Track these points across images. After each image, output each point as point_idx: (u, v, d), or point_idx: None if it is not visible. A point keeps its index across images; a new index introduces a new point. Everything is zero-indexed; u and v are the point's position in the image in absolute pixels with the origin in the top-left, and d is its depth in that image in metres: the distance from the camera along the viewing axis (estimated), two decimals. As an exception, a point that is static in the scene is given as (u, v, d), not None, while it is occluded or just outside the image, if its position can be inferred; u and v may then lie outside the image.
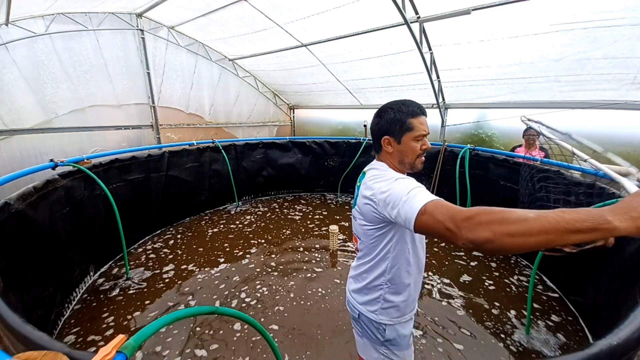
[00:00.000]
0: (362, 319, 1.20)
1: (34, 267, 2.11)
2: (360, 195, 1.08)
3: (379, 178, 1.01)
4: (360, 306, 1.20)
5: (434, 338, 2.18)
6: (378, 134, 1.12)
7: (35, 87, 3.98)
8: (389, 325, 1.15)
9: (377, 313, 1.15)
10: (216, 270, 3.07)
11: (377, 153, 1.17)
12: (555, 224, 0.59)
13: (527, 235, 0.60)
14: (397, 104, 1.08)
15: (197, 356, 2.03)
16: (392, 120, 1.06)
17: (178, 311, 0.77)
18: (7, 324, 1.01)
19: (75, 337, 2.20)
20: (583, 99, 3.64)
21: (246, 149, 5.11)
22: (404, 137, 1.06)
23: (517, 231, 0.61)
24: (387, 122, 1.08)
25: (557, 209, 0.62)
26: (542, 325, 2.30)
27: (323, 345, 2.12)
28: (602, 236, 0.59)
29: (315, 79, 6.12)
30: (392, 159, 1.12)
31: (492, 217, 0.64)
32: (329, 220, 4.35)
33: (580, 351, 0.79)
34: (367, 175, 1.10)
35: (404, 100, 1.09)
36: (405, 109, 1.06)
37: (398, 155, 1.10)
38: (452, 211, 0.72)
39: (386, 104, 1.12)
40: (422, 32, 3.59)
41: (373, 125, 1.14)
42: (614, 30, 2.74)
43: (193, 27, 5.21)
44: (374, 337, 1.18)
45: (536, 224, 0.60)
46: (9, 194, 2.06)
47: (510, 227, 0.62)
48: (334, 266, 3.17)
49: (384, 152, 1.12)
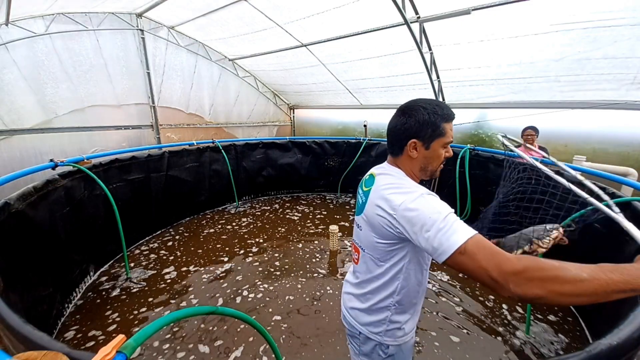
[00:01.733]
0: (361, 338, 1.11)
1: (34, 267, 2.11)
2: (372, 204, 0.95)
3: (398, 189, 0.89)
4: (362, 327, 1.10)
5: (432, 335, 2.18)
6: (404, 135, 0.95)
7: (35, 87, 3.98)
8: (392, 345, 1.07)
9: (381, 335, 1.06)
10: (216, 270, 3.07)
11: (393, 156, 1.02)
12: (605, 287, 0.61)
13: (579, 296, 0.62)
14: (431, 104, 0.94)
15: (200, 352, 2.04)
16: (425, 122, 0.92)
17: (178, 311, 0.77)
18: (7, 324, 1.01)
19: (75, 337, 2.20)
20: (583, 99, 3.64)
21: (246, 149, 5.11)
22: (433, 143, 0.94)
23: (571, 292, 0.62)
24: (417, 124, 0.93)
25: (601, 265, 0.64)
26: (542, 325, 2.30)
27: (322, 345, 2.12)
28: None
29: (315, 79, 6.12)
30: (412, 165, 0.99)
31: (544, 274, 0.63)
32: (329, 220, 4.35)
33: (580, 351, 0.79)
34: (378, 182, 0.98)
35: (437, 101, 0.96)
36: (440, 111, 0.93)
37: (422, 161, 0.97)
38: (498, 259, 0.67)
39: (415, 101, 0.96)
40: (422, 32, 3.59)
41: (397, 124, 0.97)
42: (614, 30, 2.75)
43: (193, 27, 5.21)
44: (375, 356, 1.10)
45: (589, 287, 0.61)
46: (9, 194, 2.06)
47: (564, 288, 0.62)
48: (334, 266, 3.17)
49: (405, 157, 0.98)
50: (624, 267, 0.64)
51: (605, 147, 3.76)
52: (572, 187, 0.98)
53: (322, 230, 4.03)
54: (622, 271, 0.62)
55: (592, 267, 0.63)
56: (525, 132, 3.66)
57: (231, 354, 2.05)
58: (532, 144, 3.66)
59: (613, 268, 0.63)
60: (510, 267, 0.65)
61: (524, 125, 3.77)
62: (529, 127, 3.64)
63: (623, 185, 2.42)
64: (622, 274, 0.62)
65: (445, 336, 2.20)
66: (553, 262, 0.65)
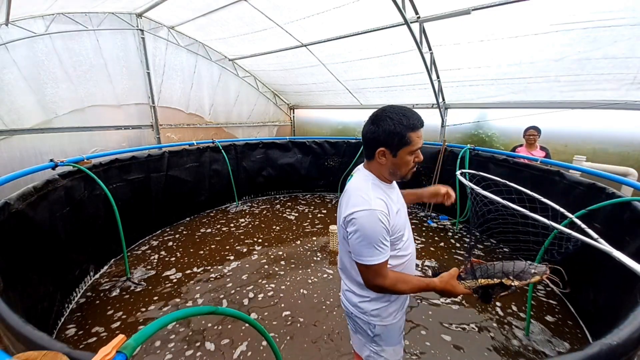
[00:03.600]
0: (353, 317, 1.23)
1: (34, 267, 2.11)
2: (340, 204, 1.11)
3: (350, 199, 1.05)
4: (352, 307, 1.22)
5: (429, 334, 2.18)
6: (373, 143, 1.04)
7: (35, 87, 3.98)
8: (378, 325, 1.17)
9: (367, 315, 1.17)
10: (216, 270, 3.07)
11: (367, 159, 1.12)
12: (416, 291, 1.07)
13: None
14: (397, 114, 0.99)
15: (207, 349, 2.04)
16: (391, 132, 0.99)
17: (178, 311, 0.77)
18: (7, 324, 1.01)
19: (75, 337, 2.20)
20: (583, 99, 3.64)
21: (246, 149, 5.11)
22: (400, 151, 1.01)
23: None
24: (384, 133, 1.00)
25: (428, 281, 1.07)
26: (541, 325, 2.30)
27: (321, 346, 2.12)
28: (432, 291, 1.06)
29: (315, 79, 6.12)
30: (382, 170, 1.08)
31: (391, 291, 1.06)
32: (329, 220, 4.36)
33: (580, 351, 0.79)
34: (350, 183, 1.12)
35: (404, 110, 1.01)
36: (406, 121, 0.98)
37: (391, 167, 1.06)
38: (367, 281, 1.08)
39: (383, 110, 1.03)
40: (422, 32, 3.59)
41: (368, 132, 1.05)
42: (614, 30, 2.74)
43: (193, 27, 5.21)
44: (364, 333, 1.22)
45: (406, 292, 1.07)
46: (9, 194, 2.06)
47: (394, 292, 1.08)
48: (334, 266, 3.17)
49: (375, 162, 1.07)
50: (434, 282, 1.05)
51: (605, 147, 3.76)
52: (540, 218, 0.97)
53: (323, 230, 4.03)
54: (434, 285, 1.05)
55: (419, 282, 1.05)
56: (527, 132, 3.66)
57: (237, 349, 2.06)
58: (534, 144, 3.67)
59: (430, 282, 1.05)
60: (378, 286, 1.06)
61: (523, 125, 3.77)
62: (531, 127, 3.64)
63: (623, 185, 2.42)
64: (428, 286, 1.05)
65: (445, 336, 2.20)
66: (399, 286, 1.03)
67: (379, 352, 1.21)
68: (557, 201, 1.21)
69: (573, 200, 2.55)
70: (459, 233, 3.92)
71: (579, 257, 2.16)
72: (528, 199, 1.40)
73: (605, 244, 0.95)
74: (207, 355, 2.04)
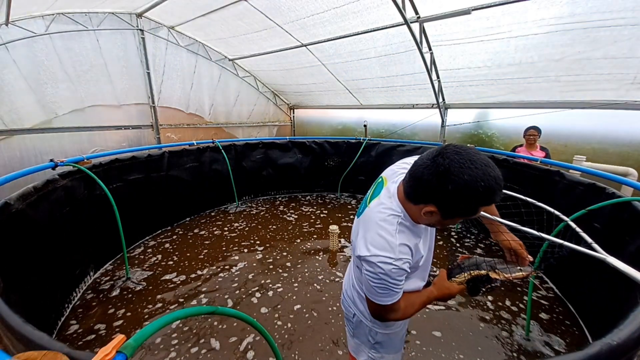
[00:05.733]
0: (354, 321, 1.19)
1: (34, 267, 2.11)
2: (362, 225, 0.96)
3: (376, 238, 0.88)
4: (356, 310, 1.18)
5: (428, 334, 2.18)
6: (426, 196, 0.79)
7: (35, 87, 3.98)
8: (381, 333, 1.14)
9: (371, 322, 1.13)
10: (217, 270, 3.07)
11: (406, 197, 0.87)
12: (423, 306, 1.04)
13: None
14: (476, 183, 0.70)
15: (212, 348, 2.05)
16: (461, 199, 0.74)
17: (178, 311, 0.77)
18: (7, 324, 1.01)
19: (74, 337, 2.20)
20: (583, 99, 3.64)
21: (246, 149, 5.10)
22: (456, 218, 0.82)
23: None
24: (449, 197, 0.74)
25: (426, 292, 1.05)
26: (541, 325, 2.30)
27: (319, 347, 2.12)
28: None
29: (315, 79, 6.12)
30: (418, 217, 0.87)
31: (398, 318, 1.01)
32: (331, 220, 4.36)
33: (580, 351, 0.79)
34: (375, 212, 0.91)
35: (488, 179, 0.71)
36: (483, 197, 0.72)
37: (431, 222, 0.87)
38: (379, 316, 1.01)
39: (462, 168, 0.71)
40: (422, 32, 3.59)
41: (425, 179, 0.77)
42: (614, 30, 2.74)
43: (193, 27, 5.21)
44: (364, 339, 1.18)
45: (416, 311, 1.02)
46: (9, 194, 2.06)
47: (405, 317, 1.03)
48: (334, 266, 3.17)
49: (415, 209, 0.85)
50: (432, 292, 1.04)
51: (605, 147, 3.76)
52: (529, 230, 1.00)
53: (322, 230, 4.03)
54: (429, 295, 1.04)
55: (421, 299, 1.01)
56: (527, 132, 3.67)
57: (242, 344, 2.07)
58: (534, 144, 3.67)
59: (430, 292, 1.04)
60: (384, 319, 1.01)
61: (523, 125, 3.77)
62: (532, 127, 3.64)
63: (623, 185, 2.42)
64: (429, 299, 1.03)
65: (443, 336, 2.20)
66: (407, 313, 0.98)
67: (378, 359, 1.18)
68: (557, 201, 1.21)
69: (573, 200, 2.55)
70: (459, 232, 3.92)
71: (579, 257, 2.16)
72: (523, 203, 1.41)
73: (599, 249, 0.95)
74: (211, 352, 2.04)
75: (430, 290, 1.04)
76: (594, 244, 0.99)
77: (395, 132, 6.06)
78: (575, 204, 2.24)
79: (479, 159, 0.72)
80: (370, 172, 5.14)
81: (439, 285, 1.04)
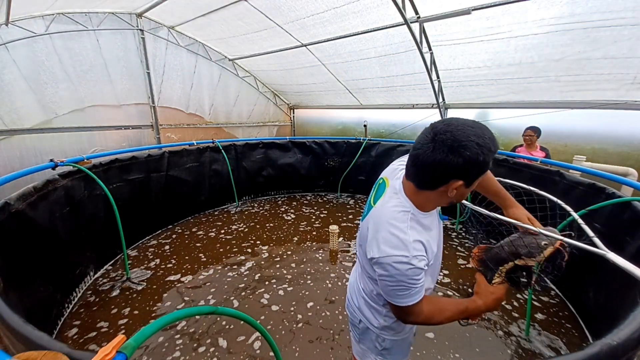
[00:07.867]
0: (361, 327, 1.16)
1: (34, 267, 2.11)
2: (370, 227, 0.92)
3: (388, 237, 0.85)
4: (362, 317, 1.14)
5: (421, 336, 2.18)
6: (447, 175, 0.79)
7: (35, 87, 3.98)
8: (389, 339, 1.11)
9: (379, 328, 1.10)
10: (217, 270, 3.07)
11: (418, 187, 0.86)
12: (458, 317, 0.94)
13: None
14: (484, 139, 0.75)
15: (219, 345, 2.05)
16: (478, 162, 0.76)
17: (178, 311, 0.77)
18: (7, 324, 1.01)
19: (74, 337, 2.20)
20: (583, 99, 3.64)
21: (246, 149, 5.10)
22: (476, 181, 0.82)
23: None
24: (469, 164, 0.75)
25: (464, 302, 0.94)
26: (541, 325, 2.30)
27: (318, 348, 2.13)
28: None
29: (315, 79, 6.12)
30: (435, 201, 0.87)
31: (430, 323, 0.94)
32: (331, 219, 4.35)
33: (580, 351, 0.79)
34: (383, 210, 0.90)
35: (483, 130, 0.77)
36: (493, 146, 0.77)
37: (454, 198, 0.84)
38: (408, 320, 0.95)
39: (466, 134, 0.75)
40: (422, 32, 3.59)
41: (441, 161, 0.76)
42: (614, 30, 2.75)
43: (193, 27, 5.21)
44: (371, 346, 1.15)
45: (450, 320, 0.93)
46: (9, 194, 2.06)
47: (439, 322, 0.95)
48: (334, 266, 3.17)
49: (436, 193, 0.84)
50: (475, 302, 0.93)
51: (605, 147, 3.76)
52: (532, 227, 0.96)
53: (322, 230, 4.03)
54: (468, 307, 0.93)
55: (457, 308, 0.92)
56: (524, 133, 3.67)
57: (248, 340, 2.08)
58: (532, 144, 3.67)
59: (469, 303, 0.93)
60: (413, 321, 0.94)
61: (523, 125, 3.77)
62: (529, 128, 3.65)
63: (623, 185, 2.42)
64: (468, 309, 0.93)
65: (442, 334, 2.20)
66: (435, 319, 0.91)
67: None
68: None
69: (573, 200, 2.55)
70: (460, 233, 3.92)
71: (579, 257, 2.16)
72: (525, 192, 1.40)
73: (600, 244, 0.94)
74: (219, 350, 2.05)
75: (473, 301, 0.92)
76: (594, 238, 0.99)
77: (395, 132, 6.06)
78: (575, 204, 2.24)
79: (465, 121, 0.79)
80: (370, 172, 5.14)
81: (484, 292, 0.93)
